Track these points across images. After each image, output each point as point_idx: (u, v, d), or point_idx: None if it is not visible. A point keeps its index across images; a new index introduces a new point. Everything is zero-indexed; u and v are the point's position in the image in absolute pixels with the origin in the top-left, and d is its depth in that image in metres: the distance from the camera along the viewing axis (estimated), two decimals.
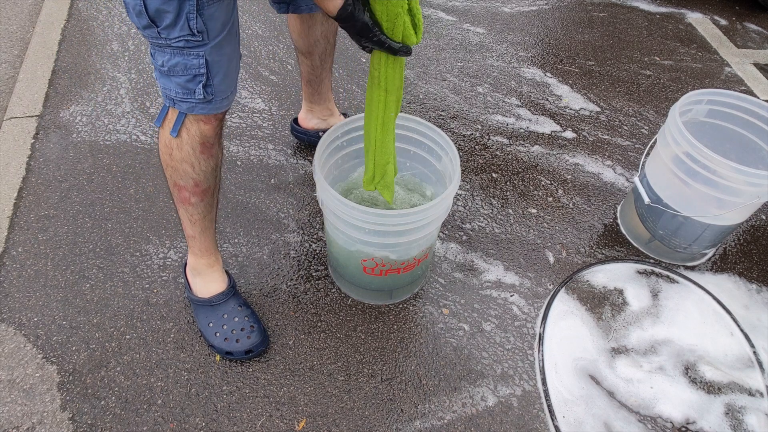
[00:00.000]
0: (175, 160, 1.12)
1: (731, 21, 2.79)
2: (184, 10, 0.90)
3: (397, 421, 1.27)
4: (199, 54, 0.97)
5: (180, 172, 1.14)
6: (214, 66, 1.01)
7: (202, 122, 1.08)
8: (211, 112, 1.07)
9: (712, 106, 1.57)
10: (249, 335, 1.31)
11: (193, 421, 1.24)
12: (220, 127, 1.13)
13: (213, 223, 1.30)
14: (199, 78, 1.00)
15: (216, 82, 1.02)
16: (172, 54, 0.98)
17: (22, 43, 2.33)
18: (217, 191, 1.25)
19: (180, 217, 1.27)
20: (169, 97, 1.04)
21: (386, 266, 1.31)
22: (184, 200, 1.20)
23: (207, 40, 0.96)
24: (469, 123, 2.04)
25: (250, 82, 2.10)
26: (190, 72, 0.99)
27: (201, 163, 1.13)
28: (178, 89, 1.02)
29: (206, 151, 1.12)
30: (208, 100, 1.04)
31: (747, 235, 1.76)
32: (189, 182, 1.16)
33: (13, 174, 1.71)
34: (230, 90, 1.08)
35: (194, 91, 1.01)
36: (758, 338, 1.49)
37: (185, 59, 0.98)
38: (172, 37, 0.94)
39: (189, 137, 1.09)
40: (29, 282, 1.45)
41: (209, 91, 1.03)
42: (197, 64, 0.98)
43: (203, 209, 1.23)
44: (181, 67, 0.99)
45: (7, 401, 1.24)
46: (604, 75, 2.34)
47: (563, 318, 1.48)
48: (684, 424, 1.31)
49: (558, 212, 1.76)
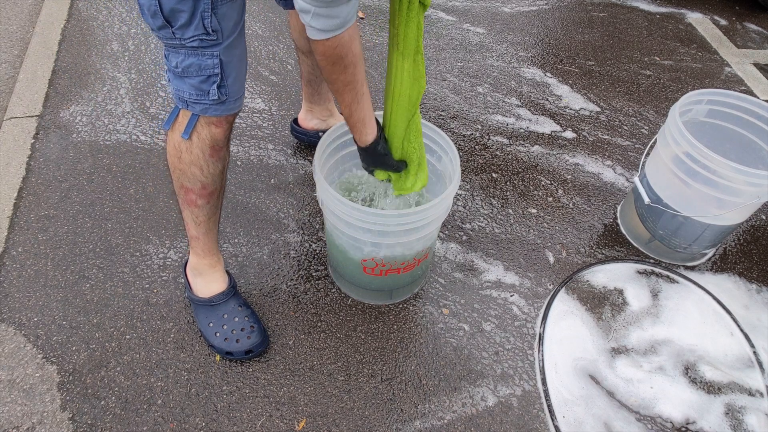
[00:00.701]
0: (184, 163, 1.12)
1: (731, 21, 2.79)
2: (198, 9, 0.91)
3: (397, 421, 1.27)
4: (214, 54, 0.98)
5: (188, 175, 1.14)
6: (227, 66, 1.01)
7: (213, 125, 1.08)
8: (225, 114, 1.07)
9: (712, 106, 1.57)
10: (249, 335, 1.31)
11: (193, 421, 1.24)
12: (229, 131, 1.13)
13: (217, 225, 1.30)
14: (214, 78, 1.00)
15: (230, 83, 1.03)
16: (186, 55, 0.98)
17: (22, 43, 2.33)
18: (223, 193, 1.25)
19: (184, 219, 1.27)
20: (182, 99, 1.04)
21: (386, 266, 1.31)
22: (190, 202, 1.20)
23: (221, 40, 0.97)
24: (469, 123, 2.04)
25: (250, 82, 2.10)
26: (205, 72, 1.00)
27: (210, 166, 1.13)
28: (192, 90, 1.02)
29: (215, 154, 1.12)
30: (222, 101, 1.04)
31: (747, 235, 1.76)
32: (197, 185, 1.16)
33: (13, 174, 1.71)
34: (242, 91, 1.09)
35: (208, 92, 1.02)
36: (758, 338, 1.49)
37: (200, 59, 0.98)
38: (186, 37, 0.94)
39: (199, 140, 1.09)
40: (29, 282, 1.45)
41: (223, 92, 1.03)
42: (212, 64, 0.99)
43: (209, 211, 1.23)
44: (196, 67, 0.99)
45: (7, 401, 1.24)
46: (604, 75, 2.34)
47: (563, 318, 1.48)
48: (684, 424, 1.31)
49: (558, 212, 1.76)
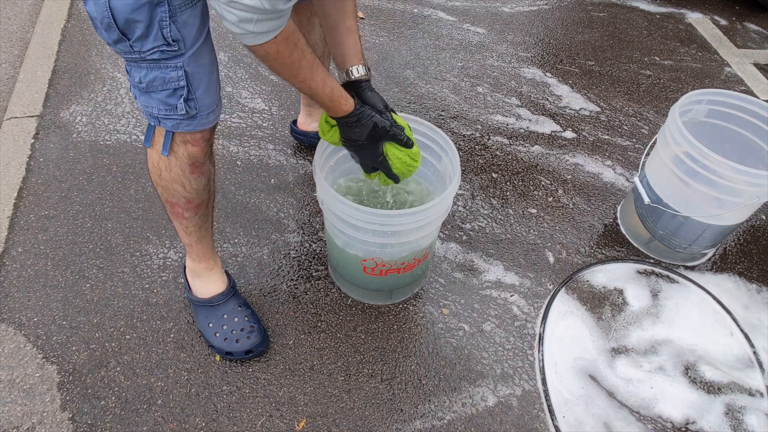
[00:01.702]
0: (164, 180, 1.09)
1: (731, 21, 2.79)
2: (156, 18, 0.85)
3: (397, 421, 1.27)
4: (177, 65, 0.91)
5: (171, 191, 1.11)
6: (194, 77, 0.95)
7: (189, 144, 1.03)
8: (197, 129, 1.01)
9: (712, 106, 1.57)
10: (249, 335, 1.31)
11: (193, 421, 1.24)
12: (209, 147, 1.08)
13: (209, 232, 1.28)
14: (180, 92, 0.94)
15: (199, 95, 0.97)
16: (148, 68, 0.92)
17: (22, 43, 2.33)
18: (212, 202, 1.22)
19: (175, 228, 1.25)
20: (152, 115, 0.99)
21: (386, 266, 1.31)
22: (177, 215, 1.18)
23: (183, 50, 0.91)
24: (469, 123, 2.04)
25: (250, 82, 2.10)
26: (170, 86, 0.94)
27: (192, 182, 1.09)
28: (161, 106, 0.96)
29: (196, 170, 1.08)
30: (192, 116, 0.99)
31: (747, 235, 1.76)
32: (181, 200, 1.13)
33: (13, 174, 1.71)
34: (215, 104, 1.03)
35: (176, 106, 0.96)
36: (758, 338, 1.49)
37: (163, 72, 0.92)
38: (146, 50, 0.88)
39: (177, 159, 1.05)
40: (29, 282, 1.45)
41: (192, 105, 0.97)
42: (176, 76, 0.93)
43: (197, 221, 1.21)
44: (160, 81, 0.93)
45: (7, 401, 1.24)
46: (604, 75, 2.34)
47: (563, 318, 1.48)
48: (684, 424, 1.31)
49: (558, 212, 1.76)
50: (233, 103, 2.01)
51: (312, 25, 1.48)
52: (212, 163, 1.14)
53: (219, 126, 1.91)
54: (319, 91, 1.01)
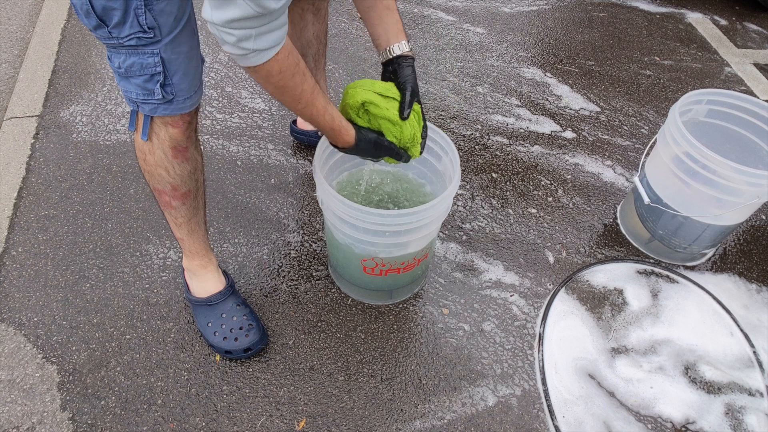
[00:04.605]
0: (149, 165, 1.12)
1: (731, 21, 2.79)
2: (131, 6, 0.88)
3: (397, 421, 1.27)
4: (154, 52, 0.95)
5: (156, 177, 1.13)
6: (171, 64, 0.98)
7: (170, 125, 1.06)
8: (175, 113, 1.04)
9: (712, 106, 1.57)
10: (247, 333, 1.31)
11: (193, 421, 1.24)
12: (191, 130, 1.10)
13: (201, 226, 1.29)
14: (157, 77, 0.98)
15: (175, 81, 1.00)
16: (127, 54, 0.95)
17: (22, 43, 2.33)
18: (201, 194, 1.23)
19: (167, 220, 1.27)
20: (131, 100, 1.03)
21: (386, 266, 1.31)
22: (165, 204, 1.20)
23: (160, 37, 0.94)
24: (469, 123, 2.04)
25: (250, 82, 2.10)
26: (147, 71, 0.97)
27: (175, 167, 1.12)
28: (138, 90, 1.00)
29: (179, 155, 1.10)
30: (169, 100, 1.02)
31: (747, 235, 1.76)
32: (167, 186, 1.15)
33: (13, 174, 1.71)
34: (193, 90, 1.05)
35: (153, 91, 0.99)
36: (758, 338, 1.49)
37: (140, 58, 0.95)
38: (123, 36, 0.91)
39: (159, 141, 1.08)
40: (29, 282, 1.45)
41: (168, 91, 1.00)
42: (153, 62, 0.96)
43: (186, 212, 1.22)
44: (138, 66, 0.96)
45: (7, 401, 1.24)
46: (604, 75, 2.34)
47: (563, 318, 1.48)
48: (684, 424, 1.31)
49: (558, 212, 1.76)
50: (233, 103, 2.01)
51: (305, 22, 1.49)
52: (198, 152, 1.16)
53: (219, 126, 1.91)
54: (320, 118, 1.06)
